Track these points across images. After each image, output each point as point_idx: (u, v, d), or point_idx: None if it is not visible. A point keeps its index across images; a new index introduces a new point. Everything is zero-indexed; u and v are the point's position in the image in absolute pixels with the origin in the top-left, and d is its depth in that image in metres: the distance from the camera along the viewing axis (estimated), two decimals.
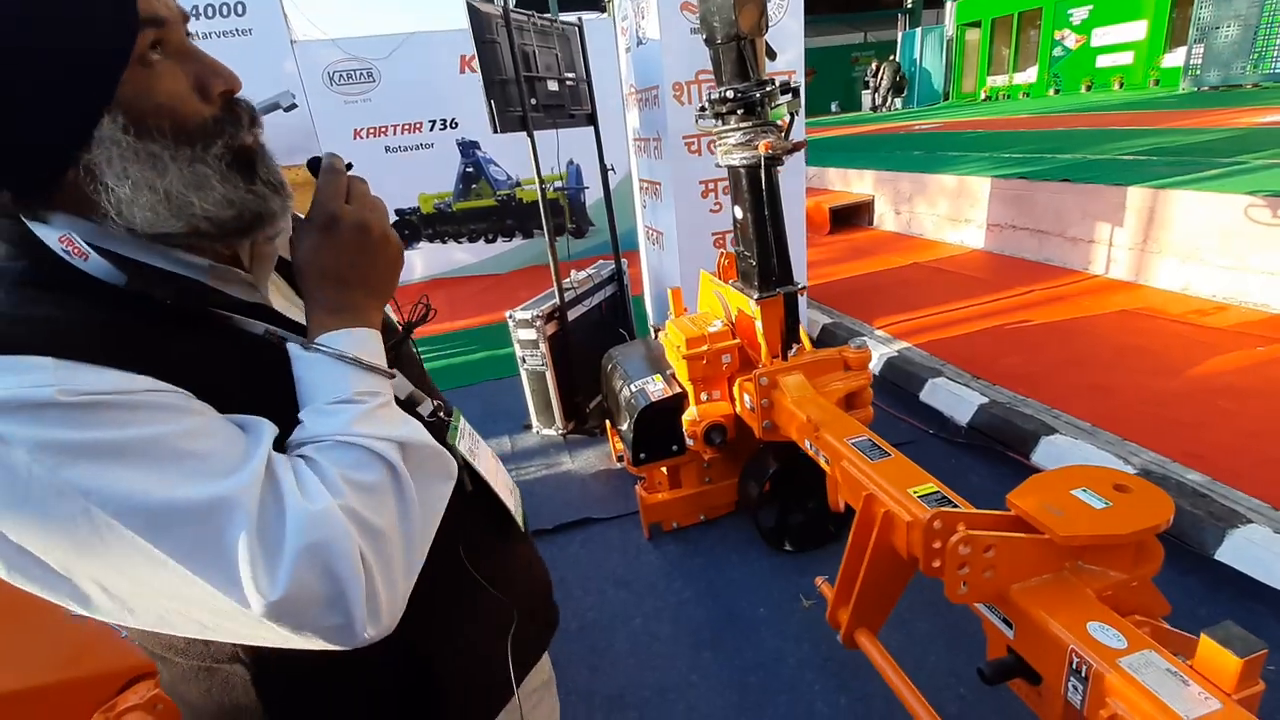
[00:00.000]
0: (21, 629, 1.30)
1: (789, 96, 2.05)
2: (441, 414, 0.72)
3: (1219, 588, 1.98)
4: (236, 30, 5.58)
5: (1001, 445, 2.80)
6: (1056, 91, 14.34)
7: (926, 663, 1.88)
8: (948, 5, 17.01)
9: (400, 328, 0.76)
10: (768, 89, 1.99)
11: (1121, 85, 13.06)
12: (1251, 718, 0.78)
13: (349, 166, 0.61)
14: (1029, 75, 15.30)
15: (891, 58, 17.11)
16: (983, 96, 16.43)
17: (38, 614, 1.31)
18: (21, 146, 0.49)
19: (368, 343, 0.59)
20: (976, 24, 16.39)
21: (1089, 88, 13.63)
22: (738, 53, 1.99)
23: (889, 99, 16.54)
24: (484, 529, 0.76)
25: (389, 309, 0.83)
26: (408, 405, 0.68)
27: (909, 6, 18.99)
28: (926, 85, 17.69)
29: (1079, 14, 13.64)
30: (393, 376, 0.61)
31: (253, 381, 0.57)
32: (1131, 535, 1.04)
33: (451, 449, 0.69)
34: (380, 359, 0.59)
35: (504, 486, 0.79)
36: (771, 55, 2.09)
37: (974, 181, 5.51)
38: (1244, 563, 1.96)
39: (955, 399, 3.11)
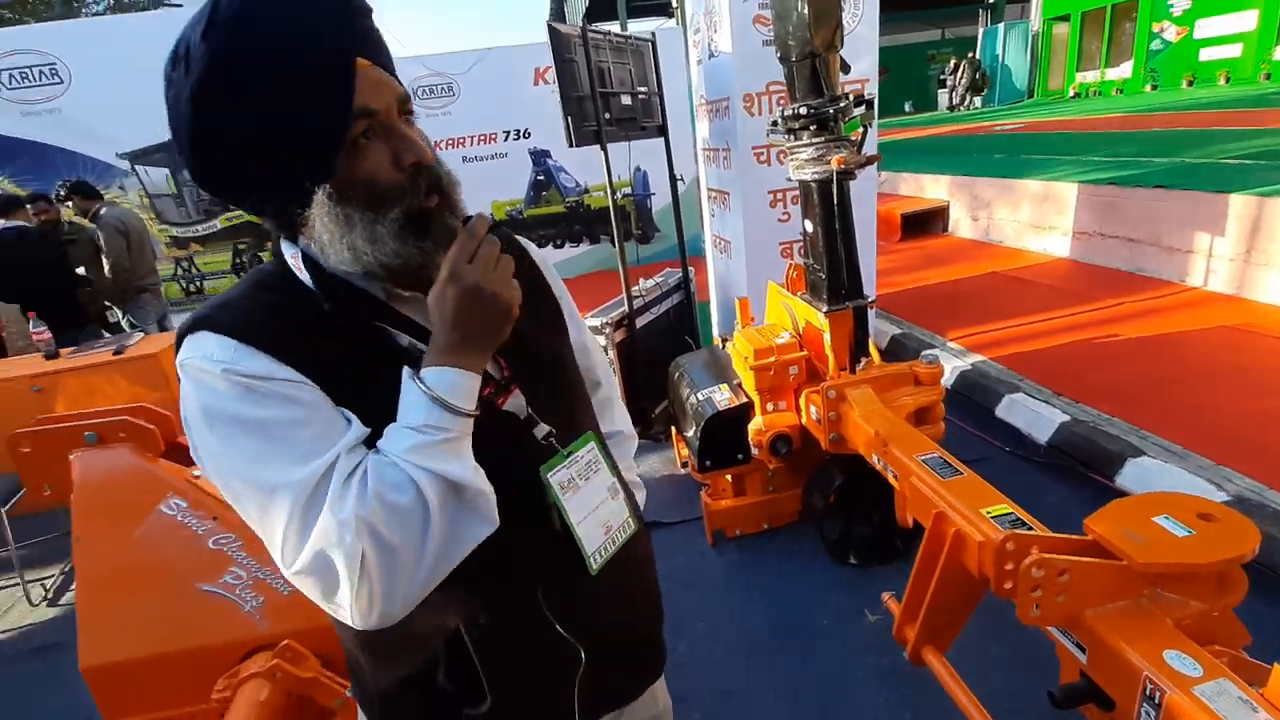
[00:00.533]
0: (160, 603, 1.48)
1: (862, 109, 2.06)
2: (554, 440, 0.77)
3: None
4: None
5: (1083, 466, 2.70)
6: (1154, 87, 13.45)
7: (993, 683, 1.84)
8: None
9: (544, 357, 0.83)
10: (841, 104, 2.01)
11: (1228, 80, 12.12)
12: None
13: (496, 226, 0.71)
14: (1123, 70, 14.41)
15: (971, 55, 16.46)
16: (1071, 94, 15.58)
17: (172, 592, 1.48)
18: (267, 202, 0.69)
19: (459, 384, 0.66)
20: (1065, 18, 15.58)
21: (1191, 83, 12.74)
22: (812, 69, 2.02)
23: (967, 98, 15.92)
24: (564, 566, 0.78)
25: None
26: (525, 425, 0.76)
27: (991, 2, 18.23)
28: (1008, 83, 16.91)
29: (1180, 4, 12.77)
30: (473, 416, 0.67)
31: (384, 384, 0.67)
32: (1213, 565, 1.02)
33: (542, 479, 0.74)
34: (464, 401, 0.66)
35: (597, 523, 0.80)
36: (845, 69, 2.11)
37: (1060, 187, 5.28)
38: None
39: (1034, 416, 3.01)
